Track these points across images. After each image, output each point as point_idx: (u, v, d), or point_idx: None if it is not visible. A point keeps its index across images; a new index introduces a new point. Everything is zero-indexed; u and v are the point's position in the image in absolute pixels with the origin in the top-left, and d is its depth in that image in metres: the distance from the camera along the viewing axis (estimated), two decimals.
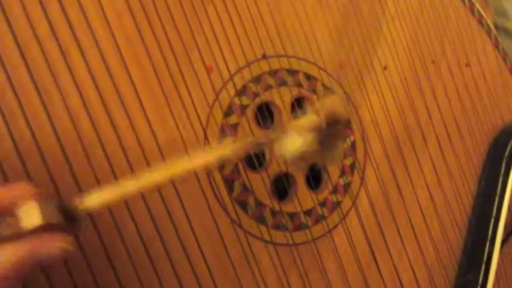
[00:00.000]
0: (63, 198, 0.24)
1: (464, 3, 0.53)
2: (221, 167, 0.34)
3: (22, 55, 0.28)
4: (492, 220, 0.47)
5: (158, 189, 0.31)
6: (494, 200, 0.48)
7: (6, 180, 0.27)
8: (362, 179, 0.41)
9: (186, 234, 0.32)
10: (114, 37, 0.31)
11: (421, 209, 0.45)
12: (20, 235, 0.21)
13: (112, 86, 0.31)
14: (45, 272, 0.27)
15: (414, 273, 0.44)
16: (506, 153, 0.50)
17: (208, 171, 0.33)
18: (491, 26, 0.56)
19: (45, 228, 0.21)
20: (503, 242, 0.48)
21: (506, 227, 0.49)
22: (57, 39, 0.29)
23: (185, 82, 0.34)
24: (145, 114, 0.32)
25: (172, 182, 0.32)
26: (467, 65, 0.52)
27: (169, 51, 0.33)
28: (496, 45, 0.56)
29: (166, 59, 0.33)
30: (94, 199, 0.23)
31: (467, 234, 0.48)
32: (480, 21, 0.55)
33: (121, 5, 0.32)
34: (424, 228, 0.45)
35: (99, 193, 0.23)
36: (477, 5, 0.55)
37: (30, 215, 0.21)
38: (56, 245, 0.21)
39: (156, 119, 0.32)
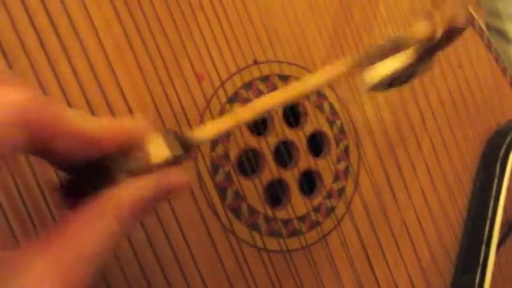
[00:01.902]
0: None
1: None
2: (213, 172, 0.34)
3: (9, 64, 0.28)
4: (488, 222, 0.47)
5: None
6: (489, 202, 0.48)
7: None
8: (356, 183, 0.41)
9: (178, 242, 0.32)
10: (102, 46, 0.31)
11: (415, 213, 0.45)
12: (149, 169, 0.21)
13: (101, 95, 0.30)
14: None
15: (410, 277, 0.43)
16: (501, 155, 0.50)
17: (201, 178, 0.33)
18: (483, 28, 0.56)
19: (171, 162, 0.21)
20: (499, 244, 0.48)
21: (502, 229, 0.49)
22: (44, 48, 0.29)
23: (175, 90, 0.33)
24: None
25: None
26: (460, 66, 0.52)
27: (159, 59, 0.33)
28: (489, 47, 0.56)
29: (156, 67, 0.33)
30: (206, 130, 0.22)
31: (462, 236, 0.47)
32: (472, 22, 0.54)
33: (110, 13, 0.32)
34: (419, 231, 0.45)
35: (211, 124, 0.23)
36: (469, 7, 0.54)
37: (159, 149, 0.21)
38: (180, 178, 0.22)
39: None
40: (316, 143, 0.41)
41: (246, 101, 0.36)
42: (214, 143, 0.35)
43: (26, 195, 0.27)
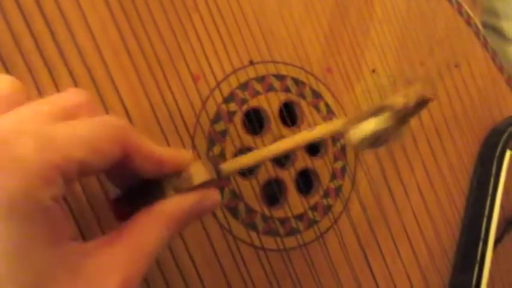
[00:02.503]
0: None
1: (452, 5, 0.54)
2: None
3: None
4: (485, 220, 0.47)
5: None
6: (486, 200, 0.48)
7: None
8: (353, 182, 0.42)
9: (176, 241, 0.32)
10: (99, 48, 0.31)
11: (413, 211, 0.45)
12: (191, 188, 0.26)
13: (97, 96, 0.31)
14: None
15: (408, 275, 0.44)
16: (497, 153, 0.50)
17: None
18: (480, 27, 0.56)
19: (207, 184, 0.26)
20: (496, 241, 0.48)
21: (499, 227, 0.49)
22: (41, 52, 0.29)
23: (171, 91, 0.34)
24: (133, 125, 0.32)
25: None
26: (457, 65, 0.52)
27: (155, 60, 0.33)
28: (485, 46, 0.56)
29: (152, 69, 0.33)
30: (233, 164, 0.28)
31: (460, 234, 0.48)
32: (468, 22, 0.55)
33: (105, 15, 0.32)
34: (417, 230, 0.45)
35: (236, 160, 0.29)
36: (465, 6, 0.55)
37: (200, 173, 0.26)
38: (215, 197, 0.27)
39: (142, 129, 0.32)
40: (313, 143, 0.41)
41: (243, 101, 0.37)
42: (210, 142, 0.35)
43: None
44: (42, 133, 0.20)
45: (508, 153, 0.50)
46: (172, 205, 0.25)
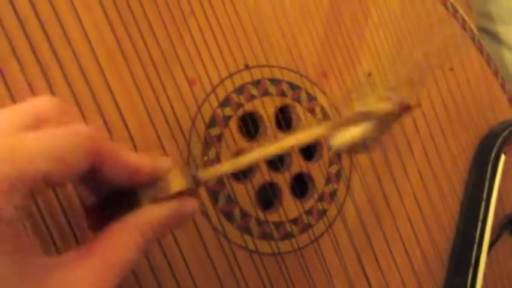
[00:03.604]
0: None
1: (447, 9, 0.54)
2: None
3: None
4: (479, 223, 0.48)
5: None
6: (481, 204, 0.49)
7: None
8: (348, 186, 0.42)
9: (170, 245, 0.32)
10: (94, 52, 0.31)
11: (407, 215, 0.45)
12: (168, 197, 0.25)
13: (93, 101, 0.31)
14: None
15: (402, 280, 0.44)
16: (492, 157, 0.50)
17: None
18: (475, 31, 0.56)
19: (185, 193, 0.26)
20: (491, 245, 0.48)
21: (493, 230, 0.49)
22: (36, 56, 0.29)
23: (167, 95, 0.34)
24: (128, 129, 0.32)
25: None
26: (451, 69, 0.52)
27: (151, 64, 0.33)
28: (480, 50, 0.56)
29: (148, 73, 0.33)
30: (211, 172, 0.28)
31: (454, 238, 0.48)
32: (463, 26, 0.55)
33: (100, 18, 0.32)
34: (412, 234, 0.45)
35: (215, 168, 0.28)
36: (460, 10, 0.55)
37: (177, 181, 0.25)
38: (193, 206, 0.26)
39: (138, 133, 0.32)
40: (308, 147, 0.41)
41: (238, 105, 0.37)
42: (206, 147, 0.35)
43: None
44: (4, 143, 0.20)
45: (502, 157, 0.50)
46: (147, 216, 0.24)
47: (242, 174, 0.37)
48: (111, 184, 0.24)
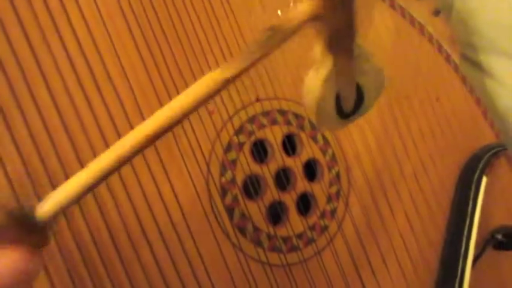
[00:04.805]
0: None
1: (433, 44, 0.59)
2: (223, 195, 0.39)
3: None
4: (464, 239, 0.52)
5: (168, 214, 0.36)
6: (465, 220, 0.53)
7: None
8: (346, 205, 0.46)
9: (195, 259, 0.37)
10: (129, 84, 0.36)
11: (399, 231, 0.50)
12: None
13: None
14: None
15: None
16: (475, 178, 0.55)
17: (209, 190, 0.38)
18: (458, 63, 0.62)
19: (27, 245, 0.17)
20: (476, 258, 0.53)
21: (478, 245, 0.54)
22: (44, 77, 0.34)
23: (190, 123, 0.39)
24: (159, 155, 0.36)
25: (181, 210, 0.37)
26: (438, 99, 0.58)
27: (176, 94, 0.38)
28: (463, 80, 0.62)
29: None
30: (47, 204, 0.18)
31: (442, 251, 0.52)
32: (448, 59, 0.61)
33: (134, 57, 0.37)
34: (403, 248, 0.50)
35: (52, 195, 0.18)
36: (444, 45, 0.61)
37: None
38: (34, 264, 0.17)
39: (167, 157, 0.37)
40: (311, 169, 0.46)
41: (250, 133, 0.42)
42: (223, 169, 0.40)
43: None
44: None
45: (484, 178, 0.55)
46: None
47: (254, 193, 0.41)
48: None
